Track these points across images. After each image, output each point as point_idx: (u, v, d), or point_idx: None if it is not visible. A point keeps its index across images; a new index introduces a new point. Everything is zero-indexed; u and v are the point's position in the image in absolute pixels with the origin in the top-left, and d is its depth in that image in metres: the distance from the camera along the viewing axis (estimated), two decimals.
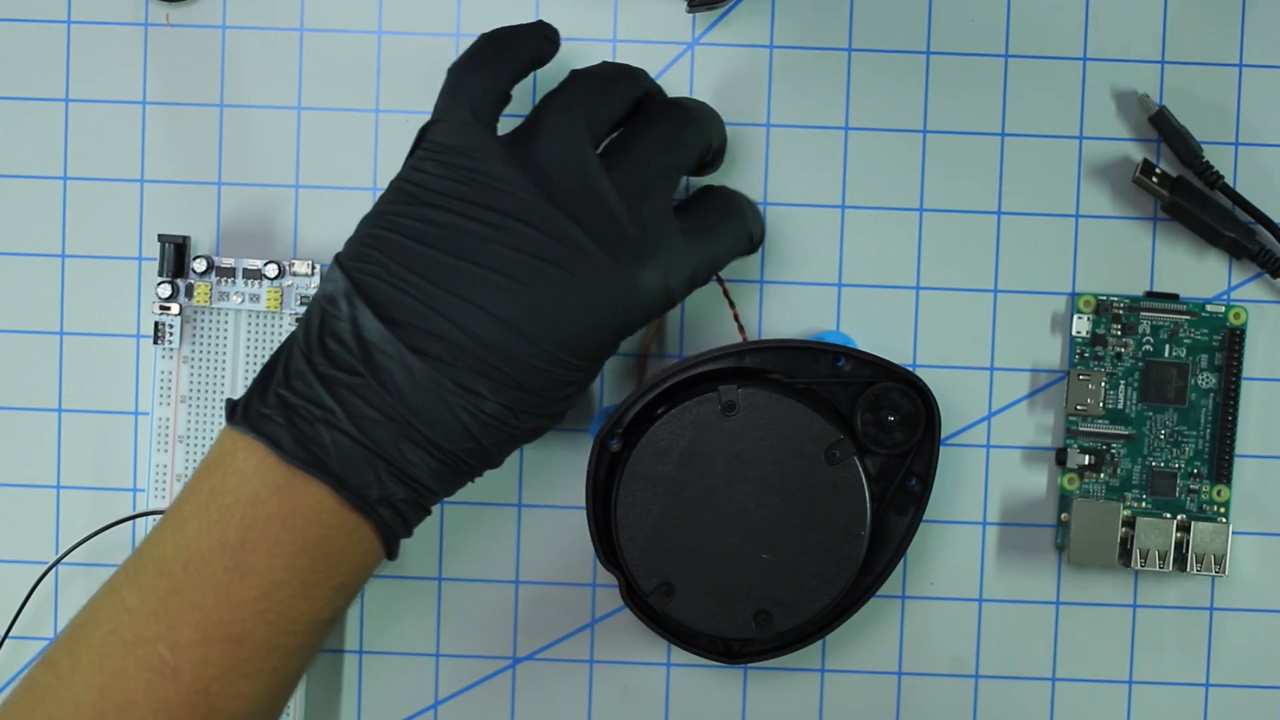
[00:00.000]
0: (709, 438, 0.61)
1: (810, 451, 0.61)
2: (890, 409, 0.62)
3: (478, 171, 0.56)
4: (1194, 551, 0.65)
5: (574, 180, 0.57)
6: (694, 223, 0.59)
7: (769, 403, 0.61)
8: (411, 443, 0.55)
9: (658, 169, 0.58)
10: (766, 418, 0.61)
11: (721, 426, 0.61)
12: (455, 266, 0.55)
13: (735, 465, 0.61)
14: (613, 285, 0.56)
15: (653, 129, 0.59)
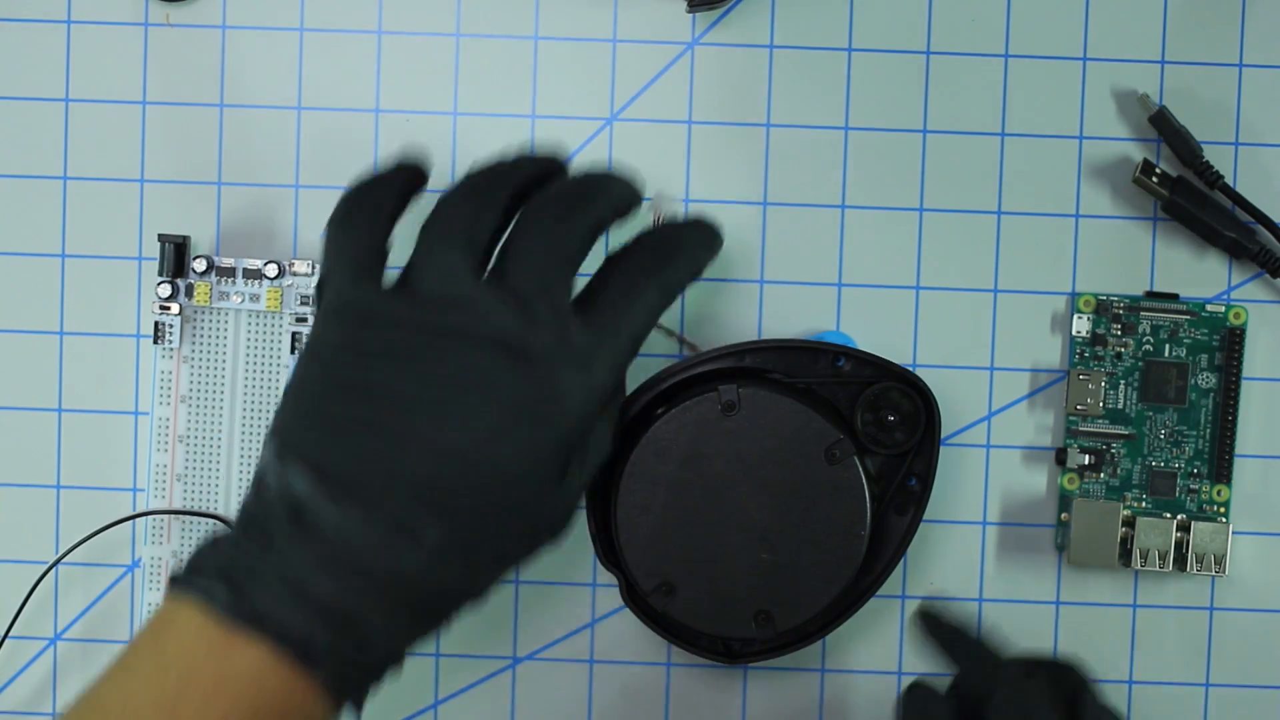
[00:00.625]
0: (709, 437, 0.61)
1: (810, 451, 0.61)
2: (890, 409, 0.62)
3: (370, 323, 0.55)
4: (1194, 551, 0.65)
5: (461, 307, 0.55)
6: (599, 309, 0.57)
7: (769, 402, 0.61)
8: (353, 590, 0.53)
9: (548, 266, 0.56)
10: (766, 417, 0.61)
11: (721, 426, 0.61)
12: (375, 408, 0.54)
13: (735, 465, 0.61)
14: (529, 398, 0.54)
15: (536, 224, 0.56)
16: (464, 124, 0.67)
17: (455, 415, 0.54)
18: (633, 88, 0.67)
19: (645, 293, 0.57)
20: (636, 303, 0.57)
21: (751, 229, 0.67)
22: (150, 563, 0.67)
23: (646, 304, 0.57)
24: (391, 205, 0.58)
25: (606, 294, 0.57)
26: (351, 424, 0.54)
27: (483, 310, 0.55)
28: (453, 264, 0.56)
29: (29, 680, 0.67)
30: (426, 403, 0.54)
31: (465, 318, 0.55)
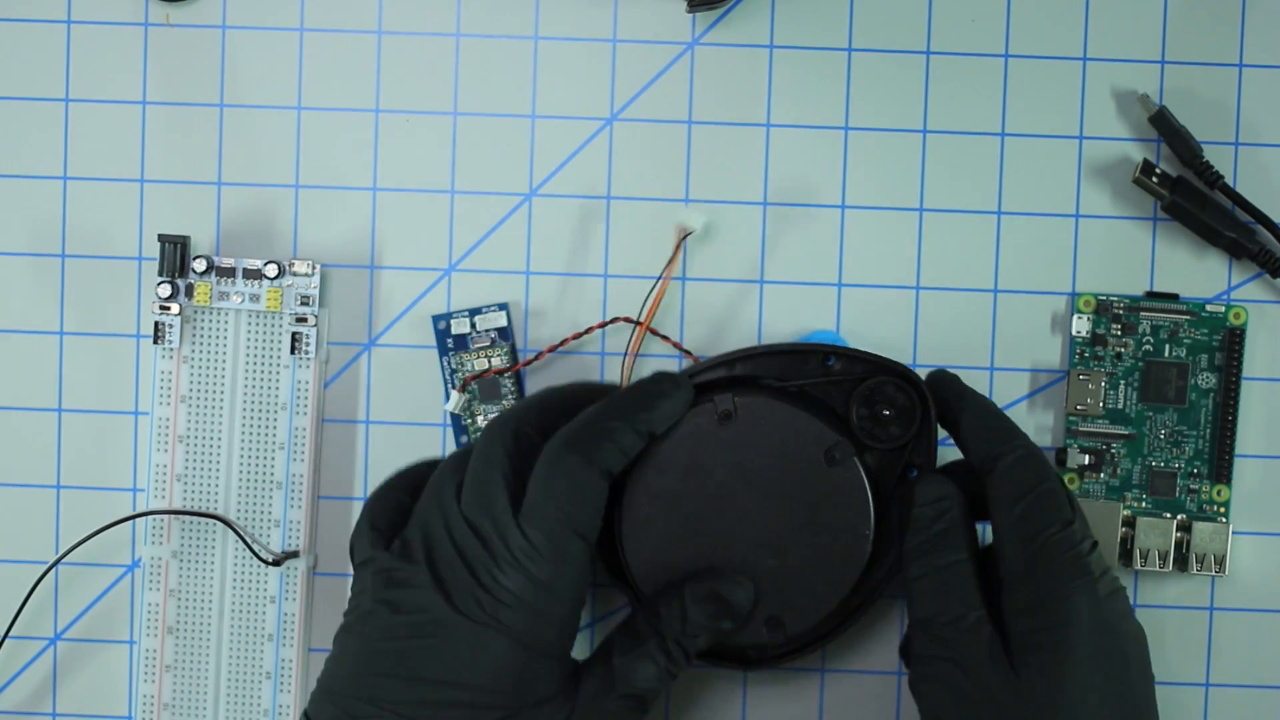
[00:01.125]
0: (708, 449, 0.61)
1: (810, 455, 0.61)
2: (885, 403, 0.62)
3: (360, 572, 0.59)
4: (1194, 551, 0.65)
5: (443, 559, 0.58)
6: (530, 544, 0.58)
7: (765, 409, 0.61)
8: None
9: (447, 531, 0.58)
10: (764, 424, 0.61)
11: (720, 436, 0.61)
12: (376, 662, 0.57)
13: (736, 474, 0.60)
14: (501, 662, 0.57)
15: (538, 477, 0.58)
16: (464, 124, 0.67)
17: (454, 678, 0.57)
18: (633, 88, 0.67)
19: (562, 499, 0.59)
20: (562, 517, 0.58)
21: (751, 229, 0.67)
22: (150, 563, 0.67)
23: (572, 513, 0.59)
24: (420, 479, 0.61)
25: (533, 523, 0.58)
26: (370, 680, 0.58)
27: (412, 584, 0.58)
28: (446, 516, 0.59)
29: (29, 680, 0.67)
30: (415, 652, 0.57)
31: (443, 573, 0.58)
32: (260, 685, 0.67)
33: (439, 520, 0.58)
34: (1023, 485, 0.58)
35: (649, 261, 0.66)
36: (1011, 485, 0.58)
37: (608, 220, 0.67)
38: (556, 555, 0.57)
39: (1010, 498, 0.58)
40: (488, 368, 0.66)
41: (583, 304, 0.66)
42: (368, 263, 0.67)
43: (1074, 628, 0.57)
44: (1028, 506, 0.58)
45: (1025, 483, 0.58)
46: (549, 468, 0.57)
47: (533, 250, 0.67)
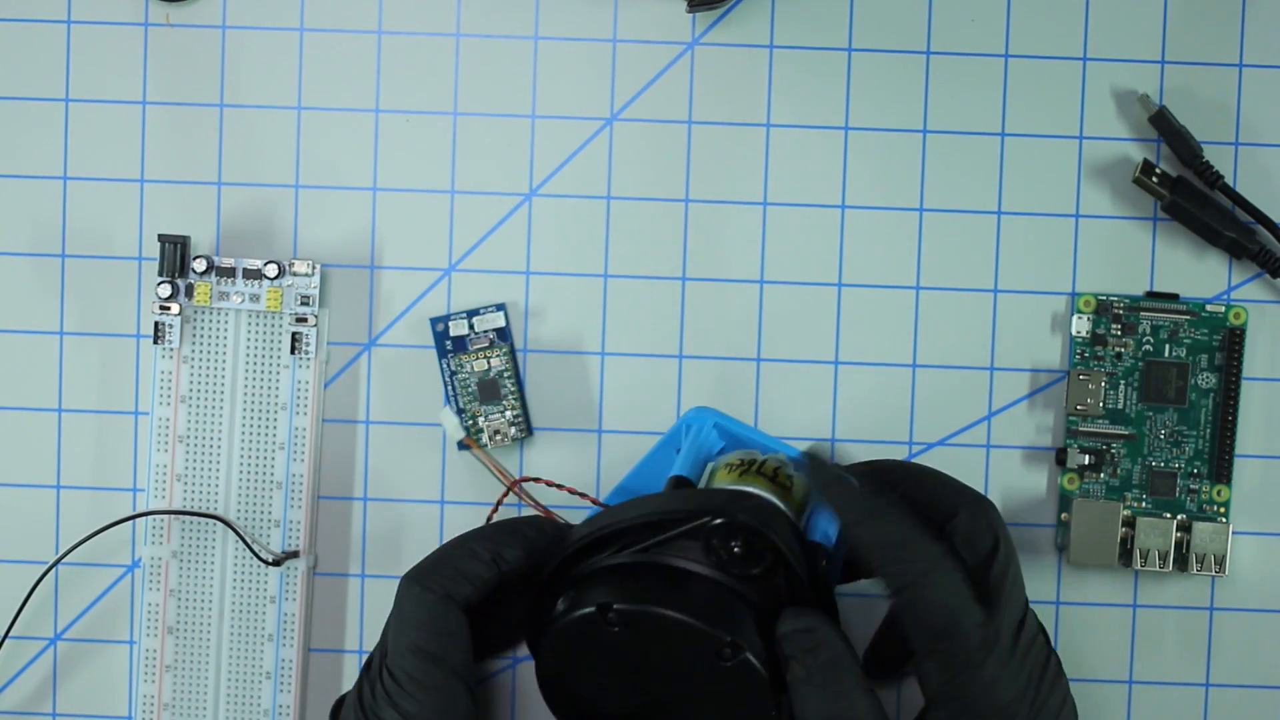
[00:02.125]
0: (607, 653, 0.57)
1: (703, 652, 0.56)
2: (734, 540, 0.57)
3: None
4: (1194, 551, 0.65)
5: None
6: None
7: (646, 619, 0.56)
8: None
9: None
10: (649, 630, 0.56)
11: (615, 639, 0.56)
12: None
13: (637, 675, 0.57)
14: None
15: None
16: (464, 124, 0.67)
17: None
18: (633, 88, 0.67)
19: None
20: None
21: (752, 229, 0.67)
22: (150, 563, 0.67)
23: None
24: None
25: None
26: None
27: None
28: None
29: (29, 680, 0.67)
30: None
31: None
32: (260, 685, 0.67)
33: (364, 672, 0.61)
34: (931, 620, 0.56)
35: (649, 261, 0.67)
36: (916, 616, 0.56)
37: (608, 220, 0.67)
38: (418, 687, 0.58)
39: (918, 635, 0.56)
40: (487, 367, 0.66)
41: (583, 304, 0.66)
42: (368, 263, 0.67)
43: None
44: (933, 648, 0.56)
45: (933, 614, 0.56)
46: (396, 604, 0.59)
47: (532, 250, 0.67)
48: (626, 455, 0.66)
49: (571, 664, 0.58)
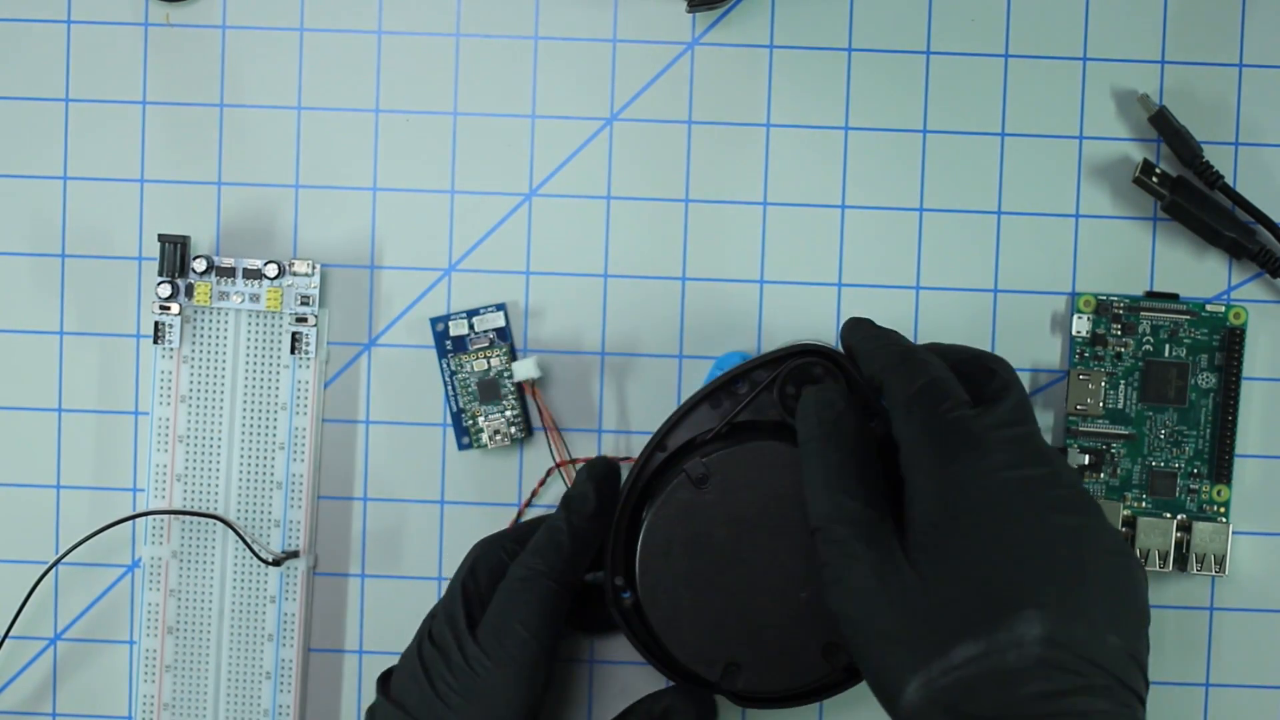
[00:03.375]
0: (698, 517, 0.60)
1: (793, 480, 0.59)
2: (809, 381, 0.61)
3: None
4: (1194, 551, 0.65)
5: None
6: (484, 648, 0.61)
7: (735, 458, 0.60)
8: None
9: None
10: (739, 472, 0.60)
11: (704, 500, 0.60)
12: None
13: (734, 528, 0.60)
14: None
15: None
16: (464, 124, 0.67)
17: None
18: (633, 88, 0.67)
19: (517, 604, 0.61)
20: (517, 625, 0.61)
21: (751, 229, 0.67)
22: (150, 563, 0.67)
23: (526, 618, 0.61)
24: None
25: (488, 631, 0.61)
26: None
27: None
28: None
29: (29, 680, 0.67)
30: None
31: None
32: (260, 685, 0.67)
33: (414, 645, 0.62)
34: (906, 380, 0.57)
35: (649, 261, 0.67)
36: (897, 384, 0.57)
37: (608, 220, 0.67)
38: (506, 658, 0.59)
39: (898, 396, 0.57)
40: (487, 367, 0.66)
41: (582, 304, 0.66)
42: (368, 263, 0.67)
43: (957, 505, 0.55)
44: (913, 395, 0.57)
45: (909, 377, 0.57)
46: (503, 587, 0.61)
47: (532, 250, 0.67)
48: (628, 454, 0.66)
49: (668, 556, 0.60)
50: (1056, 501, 0.54)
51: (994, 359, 0.59)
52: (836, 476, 0.57)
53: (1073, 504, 0.55)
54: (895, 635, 0.54)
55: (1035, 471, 0.55)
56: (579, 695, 0.67)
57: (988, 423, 0.56)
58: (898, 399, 0.57)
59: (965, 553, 0.54)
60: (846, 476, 0.57)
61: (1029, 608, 0.52)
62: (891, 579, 0.55)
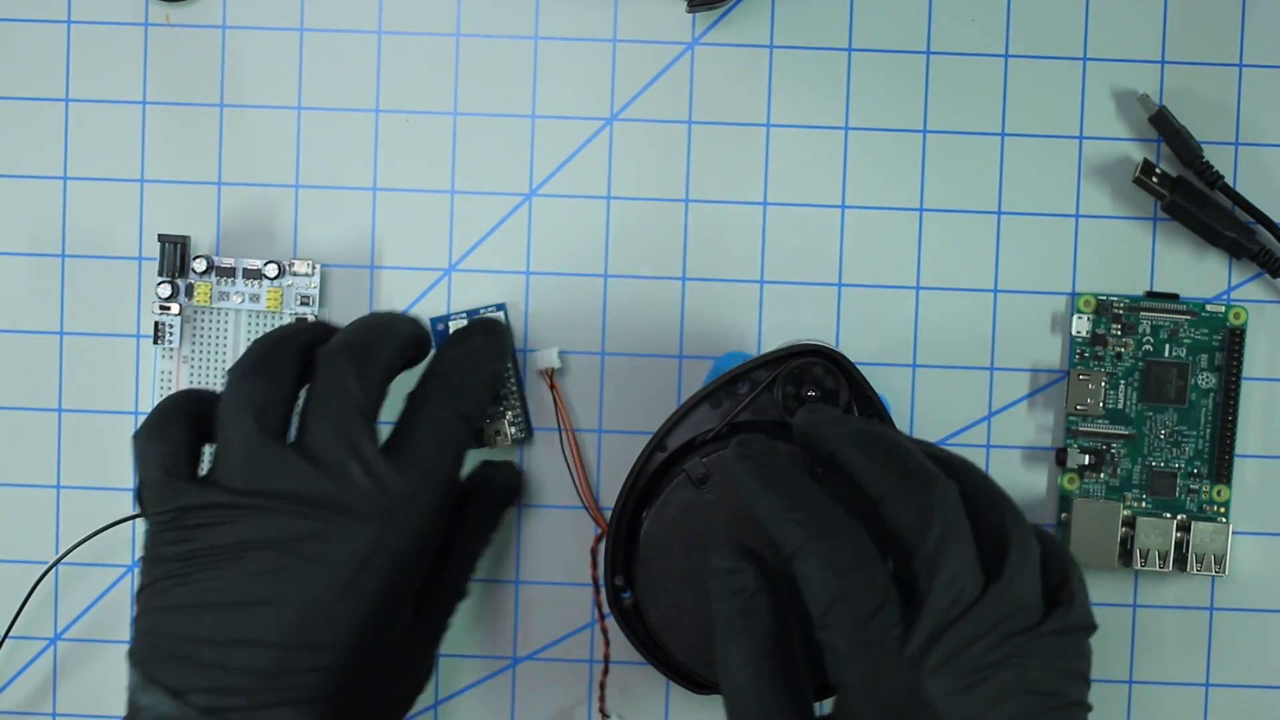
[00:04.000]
0: (698, 517, 0.60)
1: None
2: (811, 383, 0.60)
3: (187, 519, 0.56)
4: (1194, 551, 0.65)
5: (274, 479, 0.56)
6: (409, 454, 0.57)
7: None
8: None
9: (347, 424, 0.56)
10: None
11: (704, 500, 0.60)
12: (214, 616, 0.55)
13: (734, 528, 0.59)
14: (360, 555, 0.55)
15: (325, 384, 0.57)
16: (464, 124, 0.67)
17: (291, 602, 0.55)
18: (633, 88, 0.67)
19: (449, 427, 0.59)
20: (444, 440, 0.58)
21: (751, 229, 0.67)
22: None
23: (453, 438, 0.59)
24: (195, 406, 0.58)
25: (414, 436, 0.58)
26: (197, 644, 0.55)
27: (292, 480, 0.56)
28: (252, 441, 0.56)
29: (29, 680, 0.67)
30: (260, 598, 0.55)
31: (276, 490, 0.56)
32: None
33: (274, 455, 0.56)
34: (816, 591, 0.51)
35: (649, 261, 0.67)
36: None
37: (608, 220, 0.67)
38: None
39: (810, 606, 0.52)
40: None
41: (582, 304, 0.66)
42: (368, 263, 0.67)
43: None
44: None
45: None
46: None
47: (533, 251, 0.67)
48: (626, 455, 0.66)
49: (668, 556, 0.59)
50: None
51: (1010, 516, 0.52)
52: (755, 681, 0.52)
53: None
54: None
55: None
56: (578, 692, 0.67)
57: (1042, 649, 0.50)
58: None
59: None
60: (764, 680, 0.52)
61: None
62: None
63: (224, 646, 0.55)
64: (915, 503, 0.51)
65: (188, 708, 0.54)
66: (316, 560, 0.55)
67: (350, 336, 0.59)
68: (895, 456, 0.52)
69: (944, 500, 0.51)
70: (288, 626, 0.55)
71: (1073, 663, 0.51)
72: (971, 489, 0.52)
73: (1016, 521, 0.52)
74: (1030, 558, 0.51)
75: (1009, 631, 0.50)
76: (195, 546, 0.56)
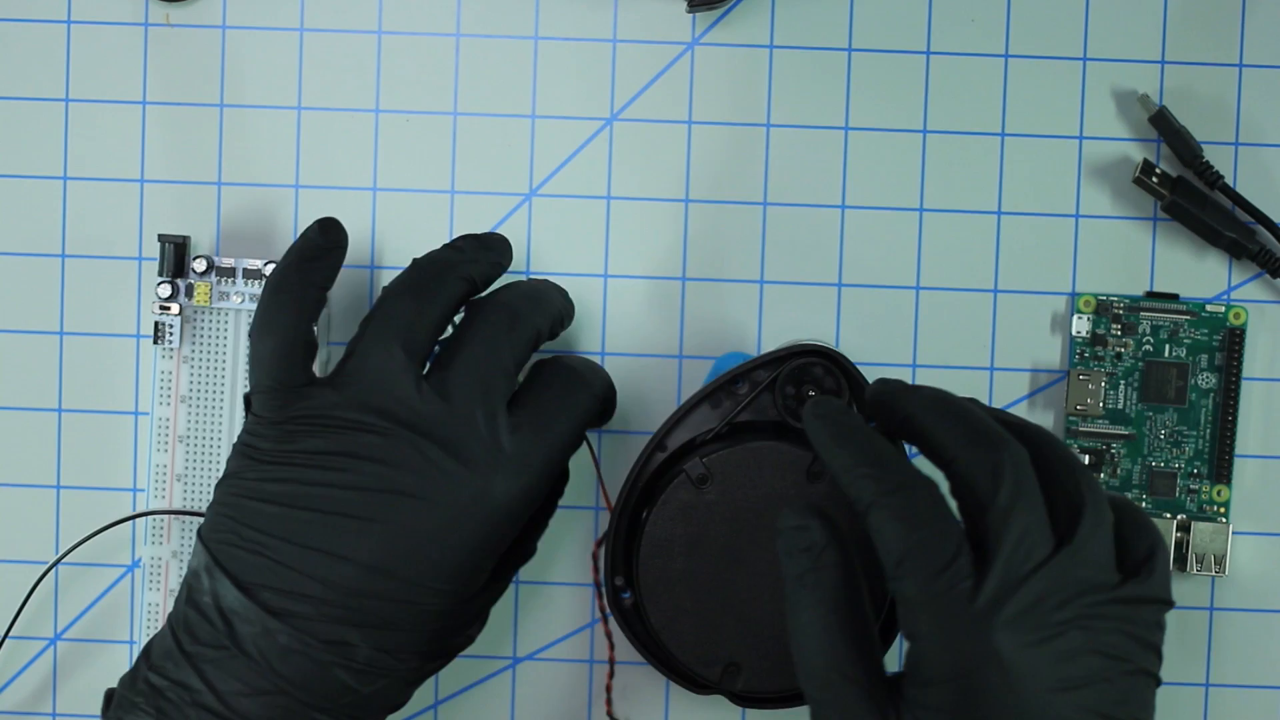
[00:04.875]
0: (698, 517, 0.60)
1: (794, 480, 0.59)
2: (811, 384, 0.61)
3: (305, 419, 0.56)
4: (1194, 551, 0.65)
5: (402, 406, 0.56)
6: (533, 413, 0.58)
7: (734, 458, 0.60)
8: (287, 711, 0.54)
9: (489, 376, 0.57)
10: (739, 472, 0.60)
11: (705, 500, 0.60)
12: (303, 519, 0.55)
13: (734, 528, 0.60)
14: (464, 504, 0.56)
15: (479, 334, 0.58)
16: (464, 124, 0.67)
17: (384, 526, 0.55)
18: (633, 88, 0.67)
19: (578, 399, 0.59)
20: (570, 410, 0.59)
21: (751, 229, 0.67)
22: (150, 563, 0.67)
23: (579, 410, 0.59)
24: (312, 295, 0.59)
25: (543, 399, 0.59)
26: (278, 541, 0.55)
27: (419, 412, 0.56)
28: (391, 362, 0.57)
29: (29, 680, 0.67)
30: (354, 514, 0.55)
31: (400, 417, 0.56)
32: None
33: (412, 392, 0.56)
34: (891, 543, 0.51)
35: (649, 260, 0.67)
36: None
37: (608, 220, 0.67)
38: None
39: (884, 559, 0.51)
40: None
41: (582, 304, 0.66)
42: (368, 263, 0.67)
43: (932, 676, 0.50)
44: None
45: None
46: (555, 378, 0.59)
47: (532, 250, 0.67)
48: (626, 455, 0.66)
49: (668, 556, 0.60)
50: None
51: (1083, 478, 0.52)
52: (827, 634, 0.52)
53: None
54: None
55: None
56: (578, 692, 0.67)
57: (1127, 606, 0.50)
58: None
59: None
60: (836, 633, 0.52)
61: None
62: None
63: (307, 550, 0.55)
64: (987, 462, 0.51)
65: (253, 604, 0.54)
66: (420, 495, 0.55)
67: (513, 299, 0.59)
68: (967, 420, 0.53)
69: (1014, 461, 0.51)
70: (375, 548, 0.55)
71: (1145, 632, 0.51)
72: (1045, 454, 0.52)
73: (1091, 487, 0.52)
74: (1103, 524, 0.51)
75: (1080, 591, 0.50)
76: (299, 448, 0.56)
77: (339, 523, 0.55)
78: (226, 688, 0.54)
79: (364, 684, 0.55)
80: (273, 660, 0.54)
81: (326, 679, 0.55)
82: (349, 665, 0.55)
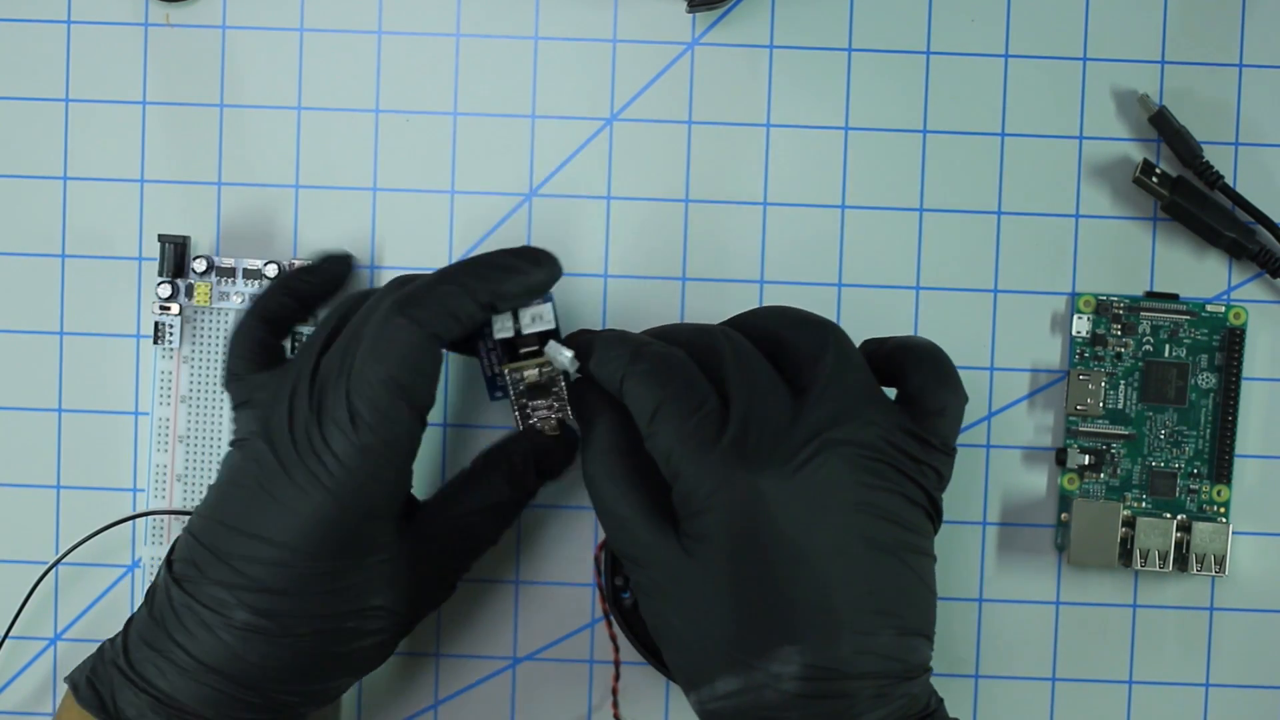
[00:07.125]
0: None
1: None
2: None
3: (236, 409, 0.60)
4: (1194, 551, 0.65)
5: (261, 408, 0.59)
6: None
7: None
8: (176, 667, 0.57)
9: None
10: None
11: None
12: (218, 496, 0.59)
13: None
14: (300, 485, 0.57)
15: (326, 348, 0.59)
16: (464, 124, 0.67)
17: (252, 495, 0.57)
18: (633, 88, 0.67)
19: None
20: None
21: (751, 229, 0.67)
22: (150, 563, 0.67)
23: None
24: (276, 298, 0.63)
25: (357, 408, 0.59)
26: (201, 519, 0.58)
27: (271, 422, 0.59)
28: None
29: (29, 680, 0.67)
30: (245, 489, 0.58)
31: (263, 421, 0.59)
32: None
33: (293, 375, 0.58)
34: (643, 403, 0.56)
35: (649, 261, 0.67)
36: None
37: (608, 220, 0.67)
38: (381, 420, 0.56)
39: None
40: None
41: (583, 304, 0.66)
42: (368, 263, 0.67)
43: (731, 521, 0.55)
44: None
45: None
46: (375, 329, 0.57)
47: None
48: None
49: None
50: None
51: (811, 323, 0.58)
52: (611, 476, 0.57)
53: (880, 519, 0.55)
54: (684, 644, 0.56)
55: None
56: (578, 692, 0.67)
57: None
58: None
59: (732, 574, 0.55)
60: (619, 472, 0.57)
61: (785, 645, 0.54)
62: (671, 573, 0.55)
63: (216, 524, 0.58)
64: (708, 349, 0.57)
65: (168, 575, 0.58)
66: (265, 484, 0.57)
67: (363, 334, 0.58)
68: (673, 335, 0.59)
69: (729, 334, 0.57)
70: (274, 555, 0.57)
71: (907, 466, 0.56)
72: (789, 316, 0.58)
73: (837, 339, 0.57)
74: (850, 367, 0.56)
75: (823, 426, 0.55)
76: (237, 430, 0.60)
77: (231, 492, 0.58)
78: (152, 668, 0.57)
79: (243, 647, 0.57)
80: (168, 619, 0.57)
81: (208, 638, 0.57)
82: (228, 625, 0.56)
